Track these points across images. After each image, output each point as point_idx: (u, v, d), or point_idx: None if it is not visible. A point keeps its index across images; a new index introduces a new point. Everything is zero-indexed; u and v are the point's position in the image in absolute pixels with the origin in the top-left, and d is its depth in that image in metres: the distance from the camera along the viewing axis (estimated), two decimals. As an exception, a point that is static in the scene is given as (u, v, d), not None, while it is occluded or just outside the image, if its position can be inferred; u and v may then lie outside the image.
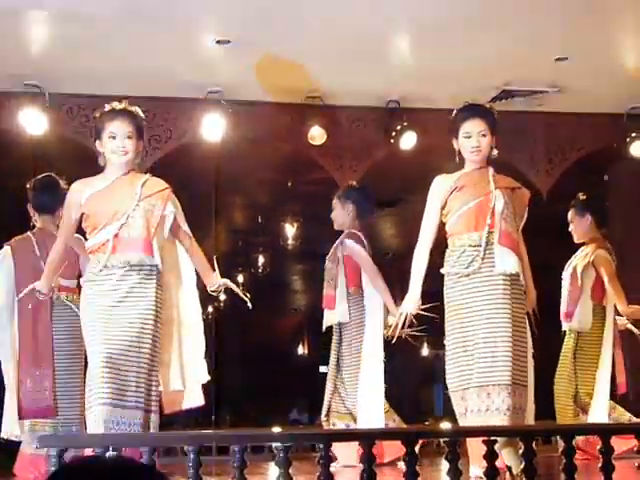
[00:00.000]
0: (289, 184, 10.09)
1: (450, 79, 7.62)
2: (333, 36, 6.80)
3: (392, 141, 8.19)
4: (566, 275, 6.72)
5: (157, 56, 7.06)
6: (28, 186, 6.27)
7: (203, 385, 5.14)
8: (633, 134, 8.38)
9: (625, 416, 6.53)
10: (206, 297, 5.31)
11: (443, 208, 5.16)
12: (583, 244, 6.78)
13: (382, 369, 6.51)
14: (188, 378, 5.05)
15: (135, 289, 4.79)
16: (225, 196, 9.72)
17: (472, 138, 5.14)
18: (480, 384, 4.89)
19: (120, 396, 4.63)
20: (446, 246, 5.21)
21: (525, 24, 6.66)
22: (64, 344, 5.94)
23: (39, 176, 6.30)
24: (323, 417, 6.69)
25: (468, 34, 6.79)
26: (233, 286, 5.17)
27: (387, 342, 5.63)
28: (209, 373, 5.09)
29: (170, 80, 7.50)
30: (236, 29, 6.73)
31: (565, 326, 6.68)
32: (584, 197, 6.88)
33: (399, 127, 8.13)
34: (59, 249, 5.13)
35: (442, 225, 5.22)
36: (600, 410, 6.45)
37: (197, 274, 5.16)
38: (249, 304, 5.16)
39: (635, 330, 6.42)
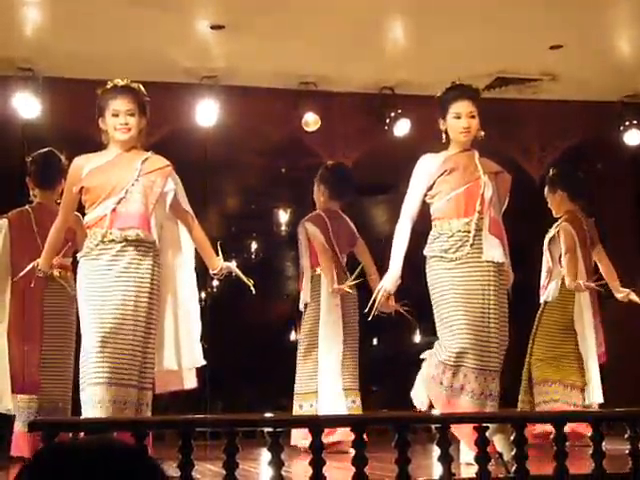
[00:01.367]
0: (282, 170, 10.07)
1: (444, 66, 7.58)
2: (328, 22, 6.78)
3: (386, 128, 8.18)
4: (544, 250, 6.78)
5: (151, 41, 7.03)
6: (29, 160, 6.24)
7: (197, 370, 5.13)
8: (627, 122, 8.38)
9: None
10: (199, 283, 5.28)
11: (430, 189, 5.16)
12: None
13: (339, 349, 6.50)
14: (183, 359, 5.03)
15: (132, 265, 4.77)
16: (218, 181, 9.70)
17: (462, 119, 5.18)
18: (479, 367, 4.92)
19: (115, 374, 4.63)
20: (429, 228, 5.23)
21: (520, 12, 6.65)
22: (55, 321, 5.92)
23: (40, 150, 6.26)
24: None
25: (463, 21, 6.77)
26: (237, 270, 5.12)
27: (370, 323, 5.60)
28: (205, 358, 5.08)
29: (164, 65, 7.47)
30: (230, 15, 6.71)
31: (541, 299, 6.71)
32: (554, 172, 6.92)
33: (393, 114, 8.12)
34: (61, 224, 5.09)
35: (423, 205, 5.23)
36: (595, 389, 6.45)
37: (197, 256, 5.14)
38: (252, 289, 5.13)
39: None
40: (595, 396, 6.46)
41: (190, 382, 5.12)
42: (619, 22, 7.17)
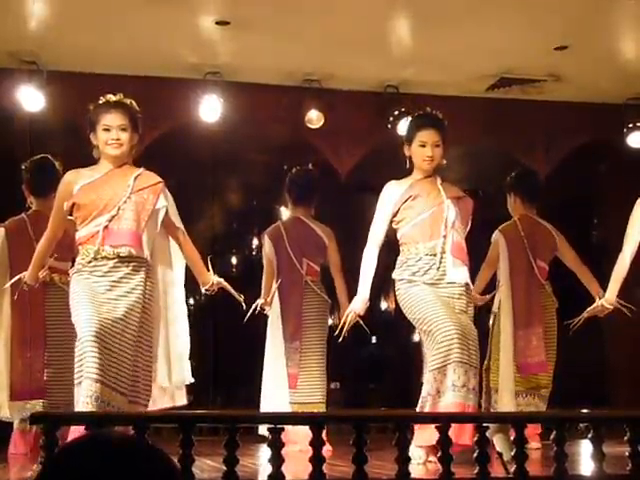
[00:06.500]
0: (285, 167, 10.06)
1: (449, 66, 7.61)
2: (332, 19, 6.78)
3: (389, 126, 8.17)
4: None
5: (156, 36, 7.03)
6: (23, 167, 6.25)
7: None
8: (630, 124, 8.38)
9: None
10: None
11: (395, 215, 5.26)
12: None
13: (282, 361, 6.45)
14: (175, 376, 5.04)
15: (123, 280, 4.76)
16: (221, 178, 9.70)
17: (426, 148, 5.35)
18: (459, 360, 4.97)
19: (106, 374, 4.60)
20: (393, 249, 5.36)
21: (525, 12, 6.65)
22: (56, 326, 5.91)
23: (34, 157, 6.27)
24: None
25: (468, 21, 6.77)
26: (227, 286, 5.13)
27: (369, 321, 5.60)
28: (207, 356, 5.09)
29: (168, 60, 7.47)
30: (235, 11, 6.71)
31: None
32: (510, 176, 6.75)
33: (397, 112, 8.11)
34: (49, 238, 5.06)
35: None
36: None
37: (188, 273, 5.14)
38: (243, 304, 5.19)
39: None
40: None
41: (180, 399, 5.12)
42: (624, 24, 7.16)
